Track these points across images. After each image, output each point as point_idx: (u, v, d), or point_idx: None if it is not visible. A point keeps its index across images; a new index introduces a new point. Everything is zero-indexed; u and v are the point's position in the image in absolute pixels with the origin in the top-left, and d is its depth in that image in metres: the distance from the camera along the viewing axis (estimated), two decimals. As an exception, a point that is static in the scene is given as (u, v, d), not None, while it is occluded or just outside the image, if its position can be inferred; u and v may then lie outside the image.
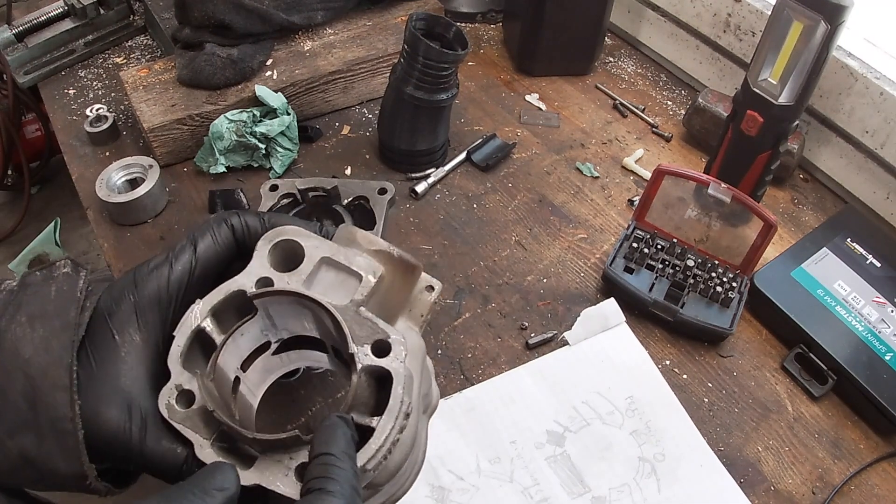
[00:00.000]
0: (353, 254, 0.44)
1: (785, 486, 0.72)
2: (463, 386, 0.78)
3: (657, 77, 1.20)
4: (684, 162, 1.05)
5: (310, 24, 1.07)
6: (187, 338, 0.41)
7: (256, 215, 0.46)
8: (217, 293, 0.43)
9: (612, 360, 0.80)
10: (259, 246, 0.44)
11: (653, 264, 0.85)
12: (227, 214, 0.45)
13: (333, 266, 0.44)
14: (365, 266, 0.43)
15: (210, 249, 0.44)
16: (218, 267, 0.45)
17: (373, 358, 0.41)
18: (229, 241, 0.45)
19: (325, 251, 0.44)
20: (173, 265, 0.42)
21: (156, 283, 0.42)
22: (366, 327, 0.42)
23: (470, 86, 1.15)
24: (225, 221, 0.45)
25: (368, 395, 0.42)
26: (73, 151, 1.04)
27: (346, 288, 0.43)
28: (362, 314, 0.42)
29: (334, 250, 0.44)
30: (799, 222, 0.98)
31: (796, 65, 0.78)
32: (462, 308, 0.85)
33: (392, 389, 0.41)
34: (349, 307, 0.42)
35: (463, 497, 0.69)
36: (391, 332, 0.42)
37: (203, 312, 0.42)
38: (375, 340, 0.42)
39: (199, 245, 0.44)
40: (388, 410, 0.40)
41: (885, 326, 0.80)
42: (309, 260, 0.43)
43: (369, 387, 0.42)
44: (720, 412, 0.77)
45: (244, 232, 0.45)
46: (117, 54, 1.20)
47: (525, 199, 0.99)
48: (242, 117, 0.96)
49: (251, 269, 0.43)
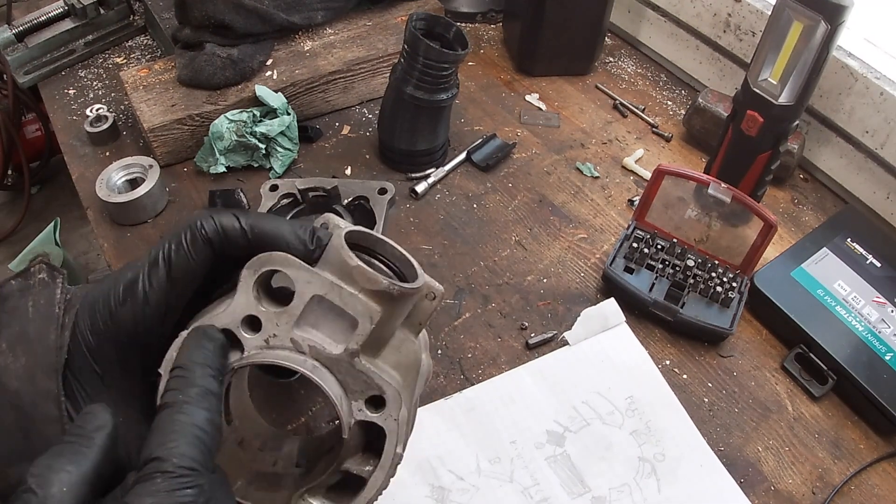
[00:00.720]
0: (347, 294, 0.39)
1: (785, 486, 0.72)
2: (463, 386, 0.78)
3: (657, 77, 1.20)
4: (684, 162, 1.05)
5: (310, 24, 1.07)
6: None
7: (232, 216, 0.41)
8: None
9: (612, 360, 0.80)
10: (243, 276, 0.40)
11: (653, 264, 0.85)
12: (204, 220, 0.41)
13: (326, 305, 0.40)
14: (361, 310, 0.39)
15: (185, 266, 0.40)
16: (196, 280, 0.41)
17: (366, 413, 0.40)
18: (205, 254, 0.41)
19: (317, 288, 0.39)
20: (148, 293, 0.40)
21: (131, 315, 0.40)
22: (360, 381, 0.40)
23: (470, 86, 1.15)
24: (199, 232, 0.40)
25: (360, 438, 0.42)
26: (73, 151, 1.04)
27: (339, 327, 0.40)
28: (357, 366, 0.39)
29: (327, 288, 0.39)
30: (799, 222, 0.98)
31: (796, 65, 0.78)
32: (462, 308, 0.85)
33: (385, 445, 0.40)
34: (343, 357, 0.39)
35: (463, 497, 0.69)
36: (385, 388, 0.40)
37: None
38: (370, 396, 0.40)
39: (174, 262, 0.40)
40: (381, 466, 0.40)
41: (885, 326, 0.80)
42: (300, 298, 0.39)
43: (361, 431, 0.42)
44: (720, 412, 0.77)
45: (221, 241, 0.41)
46: (117, 54, 1.20)
47: (525, 199, 0.99)
48: (242, 117, 0.96)
49: (236, 305, 0.40)
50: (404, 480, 0.70)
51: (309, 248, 0.41)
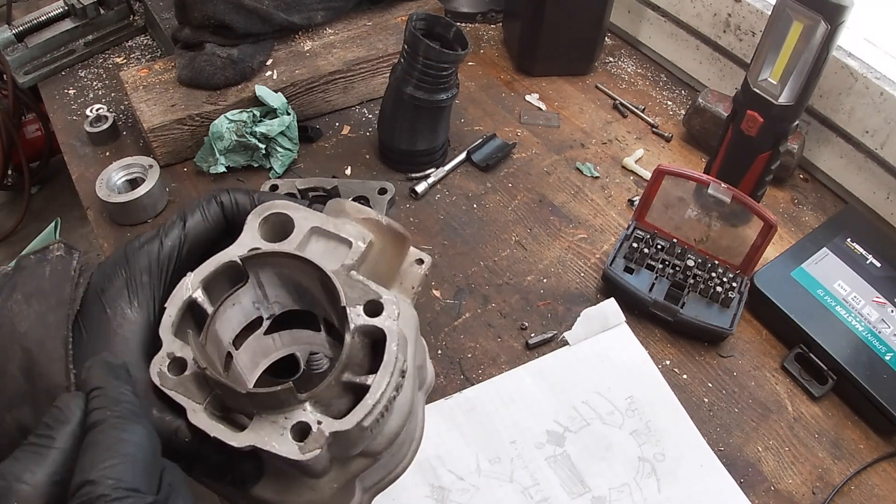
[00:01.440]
0: (342, 222, 0.45)
1: (785, 486, 0.72)
2: (463, 386, 0.78)
3: (657, 77, 1.20)
4: (684, 162, 1.05)
5: (310, 24, 1.07)
6: (179, 308, 0.42)
7: (247, 193, 0.47)
8: (208, 265, 0.43)
9: (612, 360, 0.80)
10: (249, 219, 0.45)
11: (653, 264, 0.85)
12: (218, 191, 0.46)
13: (323, 235, 0.45)
14: (354, 233, 0.44)
15: (199, 225, 0.45)
16: (207, 243, 0.45)
17: (365, 318, 0.41)
18: (218, 218, 0.46)
19: (315, 221, 0.44)
20: (163, 241, 0.43)
21: (146, 258, 0.42)
22: (357, 289, 0.42)
23: (470, 86, 1.15)
24: (215, 199, 0.46)
25: (363, 357, 0.42)
26: (73, 151, 1.04)
27: (336, 255, 0.44)
28: (353, 277, 0.43)
29: (323, 220, 0.45)
30: (799, 222, 0.98)
31: (796, 65, 0.78)
32: (462, 308, 0.85)
33: (386, 346, 0.41)
34: (340, 272, 0.43)
35: (463, 497, 0.69)
36: (383, 293, 0.42)
37: (195, 284, 0.42)
38: (367, 301, 0.42)
39: (189, 221, 0.44)
40: (384, 366, 0.40)
41: (885, 326, 0.80)
42: (299, 230, 0.44)
43: (363, 349, 0.42)
44: (720, 412, 0.77)
45: (233, 209, 0.46)
46: (117, 54, 1.20)
47: (525, 199, 0.99)
48: (242, 117, 0.96)
49: (242, 240, 0.44)
50: (404, 480, 0.70)
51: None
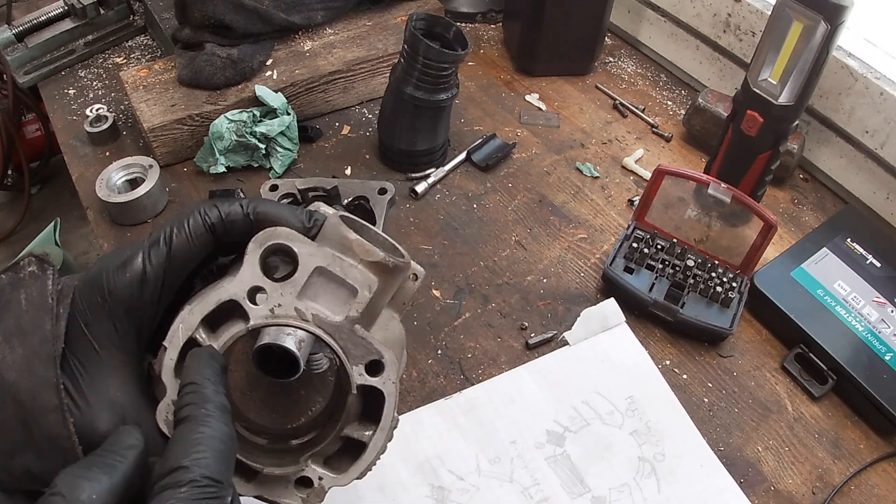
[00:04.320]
0: (347, 265, 0.42)
1: (785, 486, 0.72)
2: (463, 386, 0.78)
3: (657, 77, 1.20)
4: (684, 162, 1.05)
5: (310, 24, 1.07)
6: (179, 350, 0.41)
7: (239, 205, 0.44)
8: (207, 302, 0.41)
9: (612, 360, 0.80)
10: (249, 249, 0.42)
11: (653, 264, 0.85)
12: (208, 208, 0.43)
13: (328, 277, 0.43)
14: (360, 280, 0.42)
15: (185, 249, 0.43)
16: (193, 263, 0.44)
17: (367, 378, 0.43)
18: (206, 240, 0.43)
19: (320, 260, 0.42)
20: (147, 269, 0.41)
21: (128, 290, 0.41)
22: (360, 347, 0.43)
23: (470, 86, 1.15)
24: (204, 218, 0.43)
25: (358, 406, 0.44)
26: (73, 151, 1.04)
27: (340, 300, 0.43)
28: (357, 332, 0.42)
29: (329, 259, 0.42)
30: (799, 222, 0.98)
31: (796, 65, 0.78)
32: (462, 308, 0.85)
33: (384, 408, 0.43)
34: (344, 325, 0.42)
35: (463, 497, 0.69)
36: (385, 353, 0.43)
37: (193, 324, 0.41)
38: (370, 361, 0.43)
39: (174, 243, 0.42)
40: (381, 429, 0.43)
41: (885, 326, 0.80)
42: (303, 269, 0.42)
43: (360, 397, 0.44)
44: (720, 412, 0.77)
45: (224, 227, 0.43)
46: (117, 54, 1.20)
47: (525, 199, 0.99)
48: (242, 117, 0.96)
49: (242, 276, 0.42)
50: (404, 480, 0.70)
51: (307, 226, 0.44)
